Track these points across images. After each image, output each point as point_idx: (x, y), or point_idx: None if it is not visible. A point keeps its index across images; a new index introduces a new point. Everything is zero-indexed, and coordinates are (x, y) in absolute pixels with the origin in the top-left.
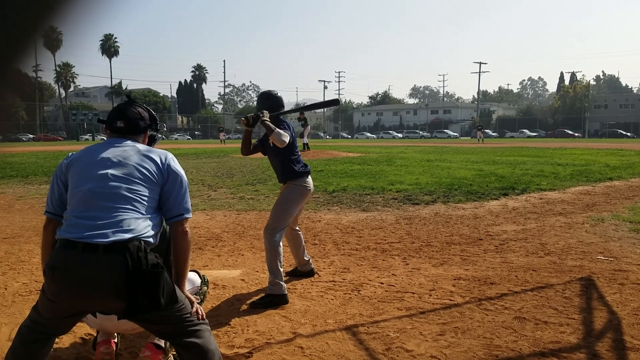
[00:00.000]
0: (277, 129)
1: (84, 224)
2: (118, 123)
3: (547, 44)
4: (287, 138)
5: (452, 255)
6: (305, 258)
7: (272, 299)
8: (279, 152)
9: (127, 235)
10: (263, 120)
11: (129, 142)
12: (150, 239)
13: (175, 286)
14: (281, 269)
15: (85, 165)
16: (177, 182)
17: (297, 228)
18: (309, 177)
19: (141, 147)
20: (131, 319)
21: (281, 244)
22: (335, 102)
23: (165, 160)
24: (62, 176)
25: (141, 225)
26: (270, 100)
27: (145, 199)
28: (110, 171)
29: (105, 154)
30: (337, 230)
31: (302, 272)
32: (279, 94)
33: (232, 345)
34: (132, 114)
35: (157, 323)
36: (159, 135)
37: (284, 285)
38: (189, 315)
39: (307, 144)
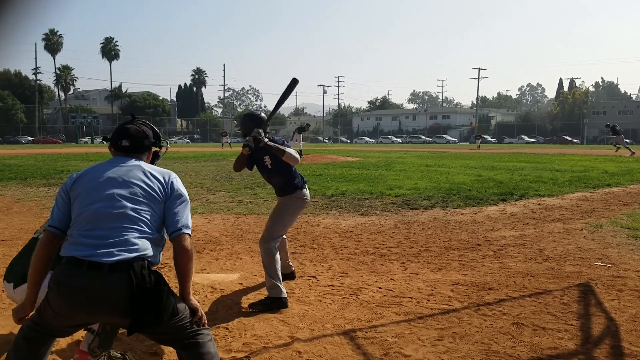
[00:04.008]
0: (287, 149)
1: (90, 242)
2: (123, 142)
3: (546, 50)
4: (297, 155)
5: (450, 260)
6: (288, 262)
7: (272, 302)
8: (281, 169)
9: (132, 255)
10: (267, 143)
11: (133, 160)
12: (154, 258)
13: (175, 299)
14: (279, 274)
15: (91, 184)
16: (179, 199)
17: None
18: (306, 187)
19: (145, 166)
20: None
21: (276, 256)
22: (294, 82)
23: (169, 179)
24: (67, 193)
25: (145, 245)
26: (254, 121)
27: (150, 218)
28: (116, 191)
29: (111, 174)
30: (335, 234)
31: (283, 274)
32: (261, 114)
33: (230, 349)
34: (136, 133)
35: (158, 333)
36: (163, 151)
37: (284, 289)
38: (188, 323)
39: (300, 150)
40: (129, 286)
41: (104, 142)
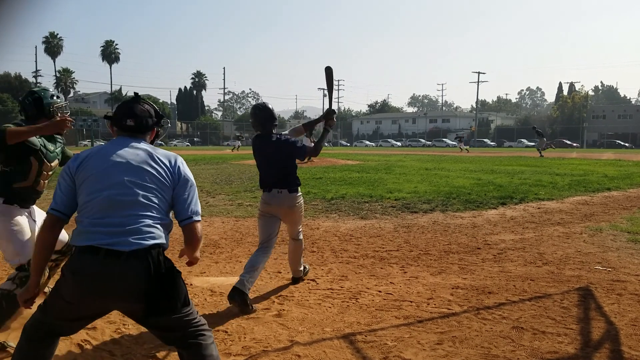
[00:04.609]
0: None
1: (104, 230)
2: (128, 121)
3: (546, 54)
4: None
5: (450, 264)
6: (295, 267)
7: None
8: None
9: (148, 242)
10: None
11: (140, 143)
12: (166, 243)
13: (186, 289)
14: (247, 269)
15: (99, 169)
16: (187, 186)
17: (298, 237)
18: (264, 193)
19: (152, 149)
20: (145, 323)
21: (257, 256)
22: (328, 70)
23: (175, 164)
24: (72, 176)
25: (159, 231)
26: (264, 114)
27: (160, 203)
28: (126, 177)
29: (118, 158)
30: (335, 237)
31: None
32: (269, 105)
33: (229, 352)
34: (141, 112)
35: (166, 328)
36: (162, 132)
37: (237, 282)
38: (195, 320)
39: None
40: (147, 272)
41: (105, 120)
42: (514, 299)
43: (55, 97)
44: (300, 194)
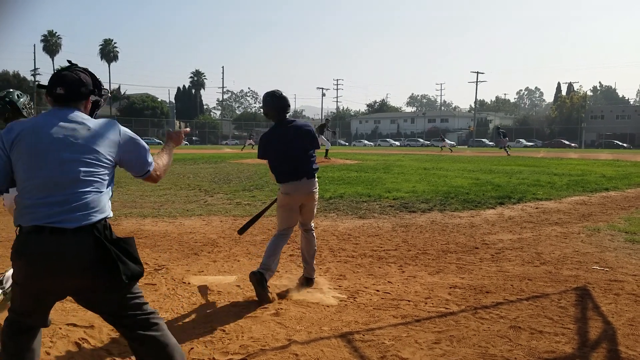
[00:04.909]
0: None
1: (47, 210)
2: (57, 90)
3: (546, 54)
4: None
5: (448, 263)
6: (310, 261)
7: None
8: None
9: (95, 217)
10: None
11: (74, 115)
12: (111, 213)
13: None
14: (266, 259)
15: (36, 146)
16: (134, 146)
17: (311, 227)
18: (283, 185)
19: (89, 122)
20: (96, 306)
21: (277, 242)
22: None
23: (115, 131)
24: (6, 151)
25: (102, 203)
26: (278, 101)
27: (102, 177)
28: (66, 155)
29: (56, 134)
30: (333, 237)
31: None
32: (284, 94)
33: (227, 351)
34: (71, 80)
35: (117, 314)
36: (102, 102)
37: (261, 270)
38: (145, 306)
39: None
40: (94, 246)
41: (41, 89)
42: (511, 299)
43: (17, 96)
44: (317, 180)
